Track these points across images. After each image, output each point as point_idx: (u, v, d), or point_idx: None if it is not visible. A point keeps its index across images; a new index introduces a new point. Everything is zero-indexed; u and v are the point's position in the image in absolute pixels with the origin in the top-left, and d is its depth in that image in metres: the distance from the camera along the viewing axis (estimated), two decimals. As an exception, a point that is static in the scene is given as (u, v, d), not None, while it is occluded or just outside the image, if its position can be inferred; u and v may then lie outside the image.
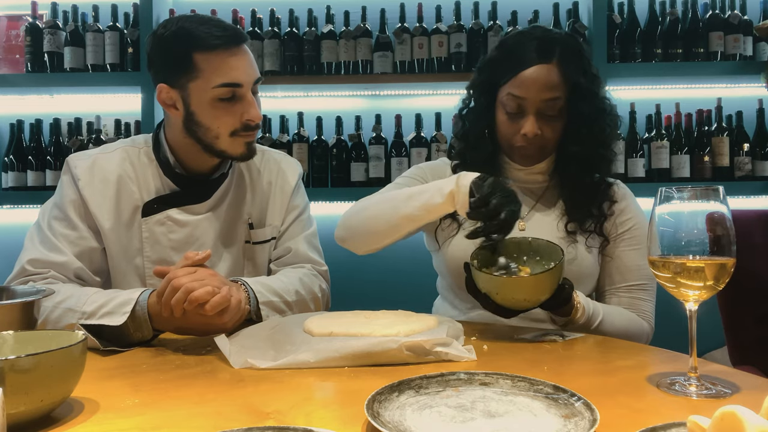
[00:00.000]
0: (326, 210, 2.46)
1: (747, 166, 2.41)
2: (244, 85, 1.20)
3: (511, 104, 1.22)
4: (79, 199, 1.25)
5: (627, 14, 2.46)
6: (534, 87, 1.19)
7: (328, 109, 2.56)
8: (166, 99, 1.23)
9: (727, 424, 0.47)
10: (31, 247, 1.23)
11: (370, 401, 0.65)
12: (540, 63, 1.19)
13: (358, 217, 1.24)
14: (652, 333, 1.27)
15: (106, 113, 2.55)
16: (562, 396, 0.69)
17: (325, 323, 0.98)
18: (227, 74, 1.18)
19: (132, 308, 1.01)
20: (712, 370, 0.86)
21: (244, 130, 1.22)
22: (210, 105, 1.20)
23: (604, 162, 1.28)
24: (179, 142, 1.28)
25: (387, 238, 1.20)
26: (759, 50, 2.44)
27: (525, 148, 1.25)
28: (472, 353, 0.91)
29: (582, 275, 1.26)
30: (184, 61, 1.18)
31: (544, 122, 1.22)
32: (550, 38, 1.22)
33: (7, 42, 2.58)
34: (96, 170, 1.27)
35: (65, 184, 1.28)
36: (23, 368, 0.62)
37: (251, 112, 1.21)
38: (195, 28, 1.18)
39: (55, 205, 1.27)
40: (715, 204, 0.76)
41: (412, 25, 2.44)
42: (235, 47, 1.19)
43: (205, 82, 1.18)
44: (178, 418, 0.69)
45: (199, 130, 1.22)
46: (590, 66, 1.26)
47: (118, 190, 1.27)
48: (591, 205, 1.28)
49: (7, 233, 2.53)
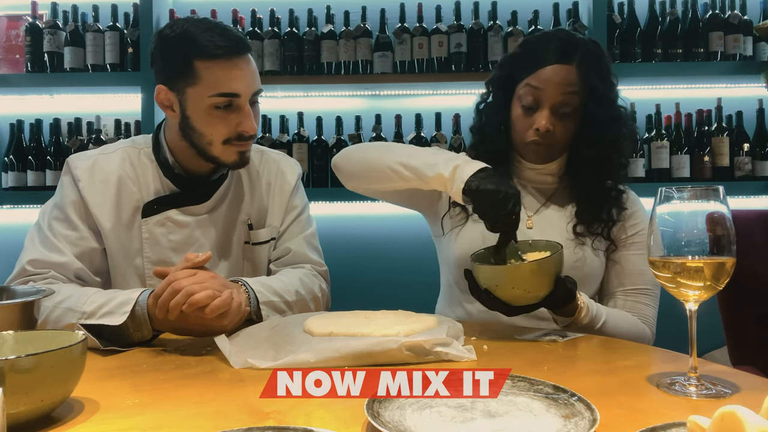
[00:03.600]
0: (326, 210, 2.46)
1: (747, 166, 2.41)
2: (242, 96, 1.20)
3: (528, 97, 1.25)
4: (79, 200, 1.25)
5: (627, 14, 2.46)
6: (551, 82, 1.22)
7: (328, 109, 2.55)
8: (164, 100, 1.23)
9: (727, 424, 0.47)
10: (32, 248, 1.23)
11: (370, 401, 0.65)
12: (560, 63, 1.22)
13: (358, 150, 1.31)
14: (653, 339, 1.27)
15: (106, 113, 2.55)
16: (562, 396, 0.69)
17: (325, 323, 0.98)
18: (226, 84, 1.17)
19: (131, 308, 1.01)
20: (712, 370, 0.86)
21: (238, 139, 1.22)
22: (205, 112, 1.19)
23: (615, 168, 1.28)
24: (177, 144, 1.28)
25: (375, 181, 1.25)
26: (759, 50, 2.44)
27: (536, 144, 1.26)
28: (472, 353, 0.91)
29: (587, 277, 1.27)
30: (185, 66, 1.18)
31: (558, 120, 1.24)
32: (573, 41, 1.25)
33: (7, 42, 2.58)
34: (96, 171, 1.27)
35: (65, 185, 1.28)
36: (23, 368, 0.62)
37: (246, 124, 1.20)
38: (199, 35, 1.17)
39: (55, 206, 1.27)
40: (715, 204, 0.76)
41: (412, 25, 2.44)
42: (236, 57, 1.18)
43: (203, 90, 1.18)
44: (178, 418, 0.69)
45: (193, 135, 1.22)
46: (609, 73, 1.28)
47: (118, 190, 1.27)
48: (600, 210, 1.29)
49: (7, 233, 2.53)
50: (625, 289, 1.29)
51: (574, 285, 1.11)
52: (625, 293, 1.28)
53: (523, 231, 1.28)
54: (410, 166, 1.16)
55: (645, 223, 1.31)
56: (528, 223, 1.32)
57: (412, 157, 1.18)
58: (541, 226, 1.31)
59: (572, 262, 1.25)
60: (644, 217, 1.33)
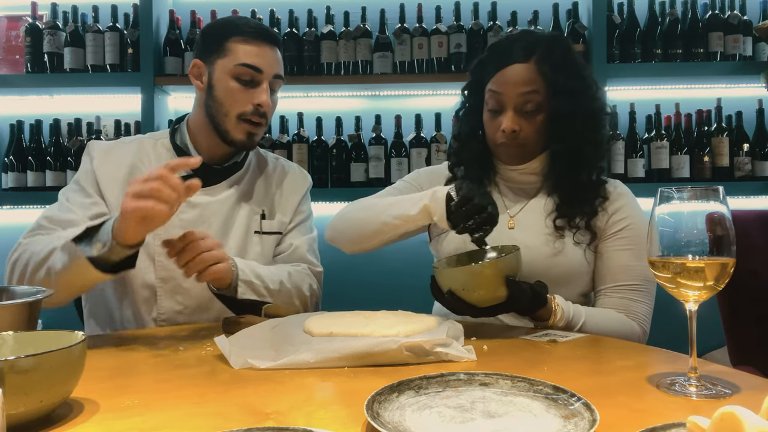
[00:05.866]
0: (326, 210, 2.45)
1: (747, 166, 2.41)
2: (264, 72, 1.31)
3: (492, 101, 1.28)
4: (92, 172, 1.34)
5: (627, 14, 2.46)
6: (510, 83, 1.25)
7: (328, 110, 2.56)
8: (195, 72, 1.36)
9: (726, 425, 0.47)
10: (49, 209, 1.31)
11: (369, 402, 0.65)
12: (517, 62, 1.25)
13: (343, 220, 1.35)
14: (645, 336, 1.25)
15: (106, 114, 2.55)
16: (561, 396, 0.69)
17: (325, 323, 0.98)
18: (251, 58, 1.30)
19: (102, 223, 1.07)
20: (712, 370, 0.86)
21: (252, 114, 1.31)
22: (229, 81, 1.30)
23: (588, 161, 1.28)
24: (197, 123, 1.37)
25: (371, 240, 1.28)
26: (759, 50, 2.44)
27: (506, 145, 1.28)
28: (472, 353, 0.91)
29: (572, 272, 1.26)
30: (219, 41, 1.32)
31: (524, 119, 1.26)
32: (532, 40, 1.28)
33: (7, 42, 2.58)
34: (112, 154, 1.37)
35: (83, 163, 1.37)
36: (23, 369, 0.62)
37: (262, 98, 1.30)
38: (236, 20, 1.35)
39: (73, 182, 1.37)
40: (715, 204, 0.76)
41: (411, 26, 2.44)
42: (265, 42, 1.32)
43: (230, 60, 1.30)
44: (178, 418, 0.69)
45: (213, 106, 1.32)
46: (579, 67, 1.28)
47: (129, 173, 1.34)
48: (580, 204, 1.28)
49: (7, 233, 2.52)
50: (612, 285, 1.26)
51: (544, 288, 1.13)
52: (613, 290, 1.26)
53: (505, 231, 1.30)
54: (396, 215, 1.21)
55: (633, 217, 1.29)
56: (510, 223, 1.32)
57: (392, 207, 1.22)
58: (522, 225, 1.31)
59: (551, 257, 1.25)
60: (632, 211, 1.30)
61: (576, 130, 1.25)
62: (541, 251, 1.25)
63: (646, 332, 1.26)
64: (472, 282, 1.06)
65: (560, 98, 1.24)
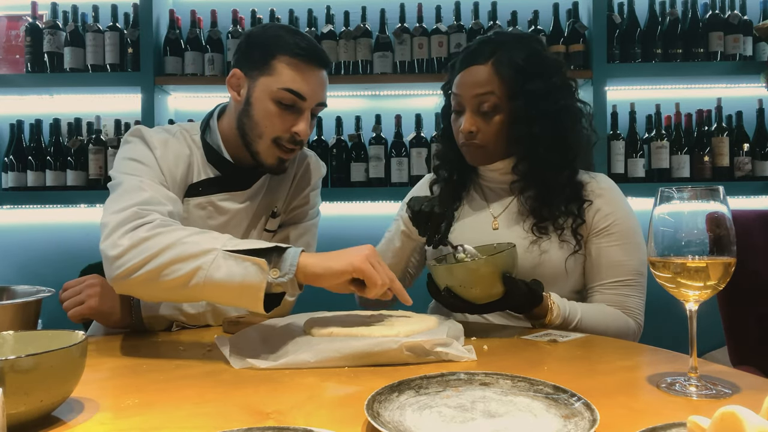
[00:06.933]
0: (326, 210, 2.45)
1: (747, 166, 2.41)
2: (308, 100, 1.22)
3: (454, 102, 1.31)
4: (155, 164, 1.21)
5: (627, 14, 2.46)
6: (466, 85, 1.27)
7: (328, 109, 2.52)
8: (234, 83, 1.26)
9: (727, 424, 0.47)
10: (131, 193, 1.11)
11: (370, 401, 0.65)
12: (474, 64, 1.27)
13: None
14: (640, 330, 1.26)
15: (106, 113, 2.55)
16: (562, 396, 0.69)
17: (325, 323, 0.98)
18: (297, 83, 1.21)
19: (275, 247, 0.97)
20: (712, 370, 0.86)
21: (288, 142, 1.24)
22: (269, 103, 1.22)
23: (557, 163, 1.26)
24: (228, 131, 1.29)
25: None
26: (759, 50, 2.44)
27: (466, 146, 1.30)
28: (472, 353, 0.91)
29: (557, 272, 1.25)
30: (265, 57, 1.22)
31: (482, 120, 1.27)
32: (498, 41, 1.29)
33: (7, 42, 2.58)
34: (169, 146, 1.25)
35: (140, 150, 1.22)
36: (23, 368, 0.62)
37: (301, 126, 1.23)
38: (286, 36, 1.22)
39: (131, 160, 1.19)
40: (715, 204, 0.76)
41: (412, 26, 2.44)
42: (314, 65, 1.22)
43: (274, 82, 1.21)
44: (178, 418, 0.69)
45: (247, 124, 1.24)
46: (545, 68, 1.27)
47: (186, 173, 1.26)
48: (558, 202, 1.27)
49: (7, 233, 2.53)
50: (604, 282, 1.26)
51: (540, 286, 1.13)
52: (606, 286, 1.26)
53: (489, 232, 1.31)
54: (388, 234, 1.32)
55: (618, 212, 1.28)
56: (494, 224, 1.32)
57: (388, 232, 1.32)
58: (506, 225, 1.31)
59: (535, 257, 1.24)
60: (617, 205, 1.29)
61: (533, 132, 1.24)
62: (525, 250, 1.25)
63: (641, 326, 1.26)
64: (468, 279, 1.06)
65: (520, 100, 1.24)
